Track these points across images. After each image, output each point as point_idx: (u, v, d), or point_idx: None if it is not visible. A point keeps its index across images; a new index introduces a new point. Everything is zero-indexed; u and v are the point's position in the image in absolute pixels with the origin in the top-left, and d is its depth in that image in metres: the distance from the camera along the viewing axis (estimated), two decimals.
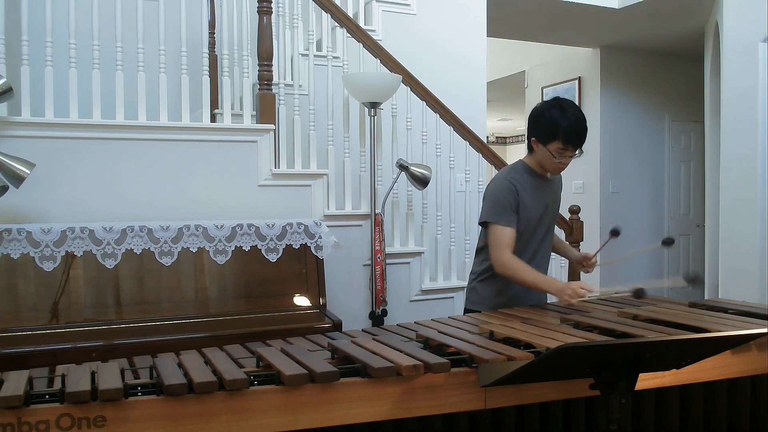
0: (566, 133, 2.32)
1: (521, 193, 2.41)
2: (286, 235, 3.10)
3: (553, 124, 2.34)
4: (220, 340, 2.34)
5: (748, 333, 1.56)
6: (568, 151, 2.36)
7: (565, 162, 2.40)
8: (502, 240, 2.37)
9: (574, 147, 2.36)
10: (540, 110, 2.41)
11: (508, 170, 2.53)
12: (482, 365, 1.62)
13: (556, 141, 2.34)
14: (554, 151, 2.35)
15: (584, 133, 2.37)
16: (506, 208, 2.38)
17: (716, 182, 5.05)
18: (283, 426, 1.49)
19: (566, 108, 2.36)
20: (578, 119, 2.34)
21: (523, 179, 2.45)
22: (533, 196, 2.45)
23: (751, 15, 4.39)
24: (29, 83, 2.97)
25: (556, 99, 2.42)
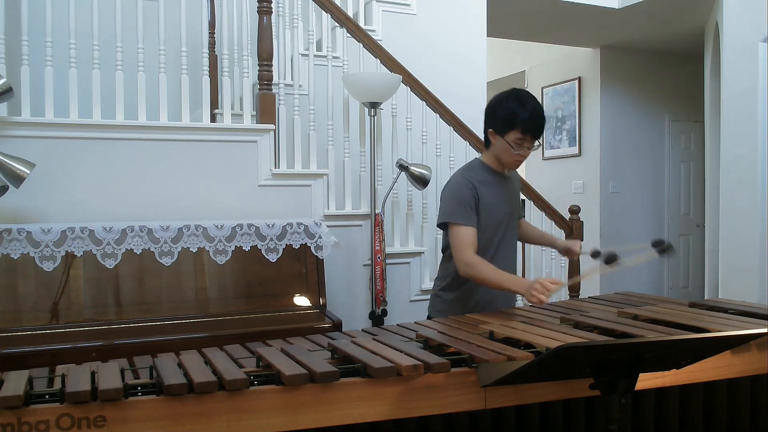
0: (525, 122, 2.27)
1: (480, 190, 2.35)
2: (286, 235, 3.10)
3: (511, 113, 2.29)
4: (220, 340, 2.34)
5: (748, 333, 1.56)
6: (526, 142, 2.31)
7: (523, 154, 2.34)
8: (465, 240, 2.30)
9: (533, 137, 2.31)
10: (497, 101, 2.37)
11: (464, 169, 2.48)
12: (482, 365, 1.62)
13: (515, 130, 2.28)
14: (512, 141, 2.30)
15: (542, 122, 2.33)
16: (465, 207, 2.32)
17: (716, 182, 5.06)
18: (283, 426, 1.49)
19: (524, 98, 2.32)
20: (536, 109, 2.30)
21: (480, 177, 2.40)
22: (492, 194, 2.39)
23: (751, 15, 4.39)
24: (29, 83, 2.97)
25: (514, 89, 2.37)
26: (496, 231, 2.42)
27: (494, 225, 2.41)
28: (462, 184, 2.37)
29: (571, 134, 6.87)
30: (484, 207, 2.36)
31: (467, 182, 2.36)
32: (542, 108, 2.35)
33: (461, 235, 2.31)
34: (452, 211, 2.34)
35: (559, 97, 7.01)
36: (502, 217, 2.43)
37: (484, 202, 2.36)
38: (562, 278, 4.21)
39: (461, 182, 2.38)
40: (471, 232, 2.30)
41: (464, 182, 2.37)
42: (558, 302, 2.43)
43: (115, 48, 3.10)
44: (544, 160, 7.25)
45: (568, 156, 6.91)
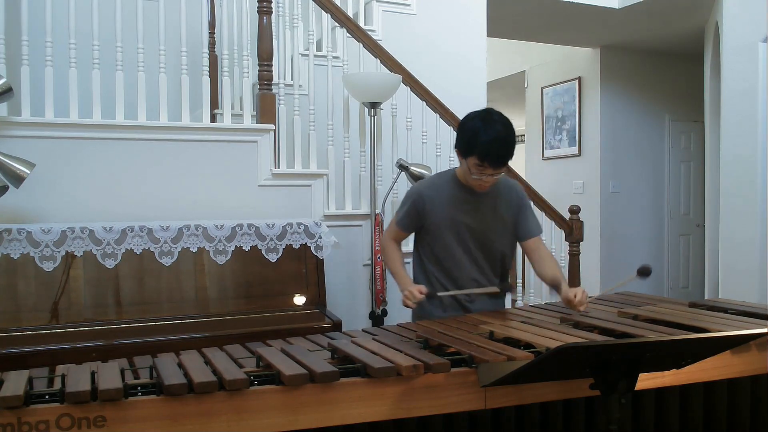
0: (483, 149, 2.14)
1: (430, 206, 2.35)
2: (286, 235, 3.10)
3: (472, 136, 2.17)
4: (220, 340, 2.34)
5: (748, 333, 1.56)
6: (486, 169, 2.18)
7: (485, 180, 2.22)
8: (392, 229, 2.50)
9: (492, 166, 2.17)
10: (465, 119, 2.26)
11: (432, 177, 2.55)
12: (482, 365, 1.62)
13: (473, 156, 2.17)
14: (472, 166, 2.19)
15: (505, 152, 2.16)
16: (406, 214, 2.41)
17: (716, 182, 5.06)
18: (283, 426, 1.49)
19: (491, 121, 2.17)
20: (500, 137, 2.14)
21: (444, 189, 2.36)
22: (450, 210, 2.33)
23: (751, 15, 4.39)
24: (29, 83, 2.97)
25: (486, 110, 2.24)
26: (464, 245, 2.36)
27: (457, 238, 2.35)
28: (416, 195, 2.40)
29: (571, 134, 6.87)
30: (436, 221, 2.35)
31: (421, 195, 2.38)
32: (510, 137, 2.18)
33: (393, 227, 2.50)
34: (399, 210, 2.48)
35: (559, 97, 7.01)
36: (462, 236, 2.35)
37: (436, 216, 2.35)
38: None
39: (417, 193, 2.41)
40: (399, 231, 2.48)
41: (419, 194, 2.39)
42: (558, 302, 2.43)
43: (115, 48, 3.10)
44: (544, 160, 7.25)
45: (568, 156, 6.91)
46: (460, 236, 2.36)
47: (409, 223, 2.43)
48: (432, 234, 2.39)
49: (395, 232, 2.50)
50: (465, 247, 2.37)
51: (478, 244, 2.38)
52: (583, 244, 4.28)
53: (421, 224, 2.40)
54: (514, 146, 2.21)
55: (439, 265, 2.40)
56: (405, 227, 2.46)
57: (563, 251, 4.21)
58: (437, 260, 2.40)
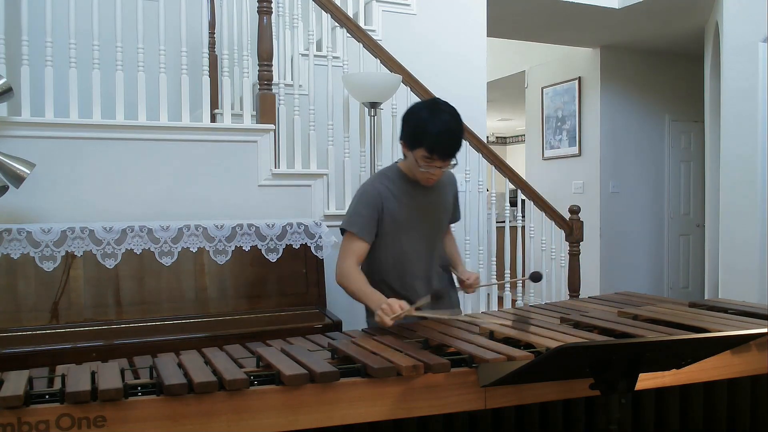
0: (432, 140, 2.07)
1: (388, 202, 2.22)
2: (286, 235, 3.10)
3: (419, 127, 2.10)
4: (220, 340, 2.34)
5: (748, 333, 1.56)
6: (434, 162, 2.11)
7: (433, 173, 2.15)
8: (350, 249, 2.21)
9: (441, 158, 2.10)
10: (410, 110, 2.18)
11: (379, 176, 2.35)
12: (482, 365, 1.62)
13: (421, 148, 2.10)
14: (419, 158, 2.12)
15: (454, 143, 2.10)
16: (364, 217, 2.21)
17: (716, 182, 5.06)
18: (283, 426, 1.49)
19: (438, 112, 2.10)
20: (449, 128, 2.08)
21: (393, 186, 2.25)
22: (405, 206, 2.25)
23: (751, 15, 4.39)
24: (29, 83, 2.97)
25: (433, 100, 2.19)
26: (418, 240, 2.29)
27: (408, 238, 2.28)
28: (369, 193, 2.24)
29: (571, 134, 6.87)
30: (391, 220, 2.24)
31: (376, 193, 2.23)
32: (458, 127, 2.11)
33: (348, 244, 2.22)
34: (350, 219, 2.25)
35: (559, 97, 7.01)
36: (419, 231, 2.29)
37: (393, 213, 2.23)
38: (562, 277, 4.21)
39: (369, 192, 2.25)
40: (360, 244, 2.21)
41: (373, 193, 2.24)
42: (558, 302, 2.43)
43: (115, 48, 3.10)
44: (544, 160, 7.25)
45: (568, 156, 6.91)
46: (412, 228, 2.27)
47: (370, 228, 2.22)
48: (387, 235, 2.25)
49: (356, 249, 2.21)
50: (419, 243, 2.29)
51: (429, 237, 2.32)
52: (583, 244, 4.28)
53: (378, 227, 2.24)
54: (462, 137, 2.15)
55: (393, 265, 2.28)
56: (368, 236, 2.22)
57: (563, 251, 4.21)
58: (391, 258, 2.28)
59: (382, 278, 2.30)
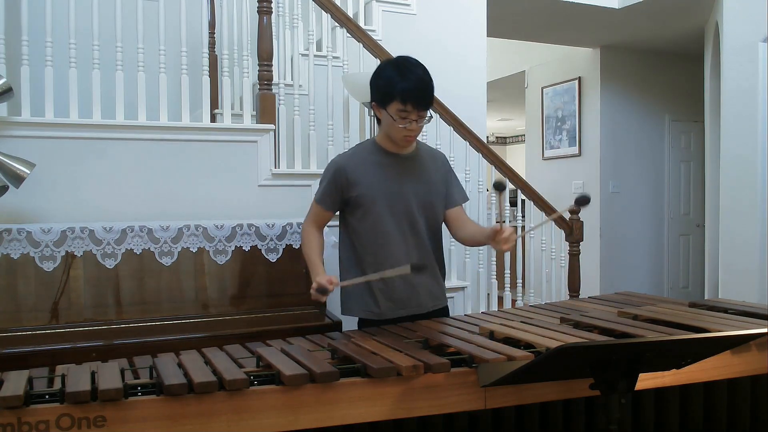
0: (404, 91, 2.08)
1: (355, 175, 2.22)
2: (286, 235, 3.10)
3: (389, 82, 2.11)
4: (220, 340, 2.34)
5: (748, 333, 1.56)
6: (410, 114, 2.11)
7: (411, 129, 2.14)
8: (311, 212, 2.37)
9: (416, 107, 2.10)
10: (378, 70, 2.20)
11: (352, 149, 2.40)
12: (482, 365, 1.62)
13: (395, 101, 2.10)
14: (394, 113, 2.11)
15: (426, 90, 2.12)
16: (326, 189, 2.28)
17: (716, 182, 5.06)
18: (283, 426, 1.49)
19: (405, 65, 2.13)
20: (419, 77, 2.11)
21: (366, 158, 2.25)
22: (379, 176, 2.23)
23: (751, 15, 4.39)
24: (29, 83, 2.97)
25: (399, 57, 2.21)
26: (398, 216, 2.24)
27: (390, 209, 2.24)
28: (335, 169, 2.27)
29: (571, 134, 6.87)
30: (365, 191, 2.22)
31: (340, 167, 2.26)
32: (427, 75, 2.14)
33: (312, 208, 2.37)
34: (318, 190, 2.35)
35: (559, 97, 7.01)
36: (400, 201, 2.24)
37: (362, 184, 2.22)
38: (562, 277, 4.21)
39: (335, 167, 2.28)
40: (320, 210, 2.33)
41: (337, 167, 2.27)
42: (558, 302, 2.43)
43: (115, 48, 3.10)
44: (544, 160, 7.25)
45: (568, 156, 6.91)
46: (390, 205, 2.24)
47: (331, 201, 2.28)
48: (359, 208, 2.25)
49: (315, 214, 2.34)
50: (397, 218, 2.25)
51: (408, 211, 2.26)
52: (583, 244, 4.28)
53: (345, 199, 2.26)
54: (433, 88, 2.16)
55: (369, 244, 2.26)
56: (327, 205, 2.30)
57: (563, 251, 4.21)
58: (367, 237, 2.27)
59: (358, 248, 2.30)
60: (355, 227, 2.30)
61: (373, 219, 2.25)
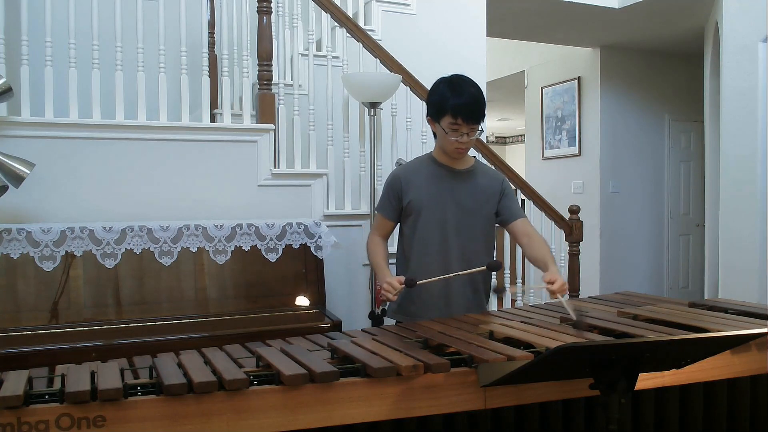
0: (455, 106, 2.19)
1: (409, 184, 2.35)
2: (285, 235, 3.10)
3: (442, 97, 2.23)
4: (220, 340, 2.34)
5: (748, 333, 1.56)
6: (461, 127, 2.22)
7: (462, 141, 2.24)
8: (377, 224, 2.48)
9: (466, 121, 2.21)
10: (433, 87, 2.32)
11: (410, 161, 2.55)
12: (482, 365, 1.62)
13: (447, 115, 2.21)
14: (446, 127, 2.23)
15: (477, 106, 2.22)
16: (386, 199, 2.41)
17: (716, 182, 5.05)
18: (283, 426, 1.49)
19: (457, 83, 2.24)
20: (470, 93, 2.22)
21: (421, 169, 2.38)
22: (428, 186, 2.34)
23: (751, 15, 4.39)
24: (29, 83, 2.97)
25: (452, 75, 2.30)
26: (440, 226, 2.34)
27: (435, 219, 2.33)
28: (392, 177, 2.43)
29: (571, 134, 6.87)
30: (415, 198, 2.34)
31: (397, 176, 2.41)
32: (478, 91, 2.24)
33: (377, 221, 2.49)
34: (380, 200, 2.48)
35: (559, 97, 7.01)
36: (441, 213, 2.33)
37: (414, 194, 2.34)
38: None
39: (393, 175, 2.44)
40: (384, 221, 2.44)
41: (395, 175, 2.42)
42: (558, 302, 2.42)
43: (115, 48, 3.10)
44: (544, 160, 7.25)
45: (568, 156, 6.91)
46: (434, 215, 2.33)
47: (390, 208, 2.40)
48: (410, 215, 2.36)
49: (378, 222, 2.47)
50: (440, 229, 2.34)
51: (461, 222, 2.35)
52: (583, 244, 4.28)
53: (401, 207, 2.38)
54: (485, 104, 2.28)
55: (413, 251, 2.36)
56: (386, 213, 2.42)
57: (563, 251, 4.21)
58: (412, 244, 2.37)
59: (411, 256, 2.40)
60: (405, 233, 2.43)
61: (419, 227, 2.36)
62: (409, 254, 2.39)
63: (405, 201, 2.36)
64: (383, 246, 2.44)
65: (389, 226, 2.45)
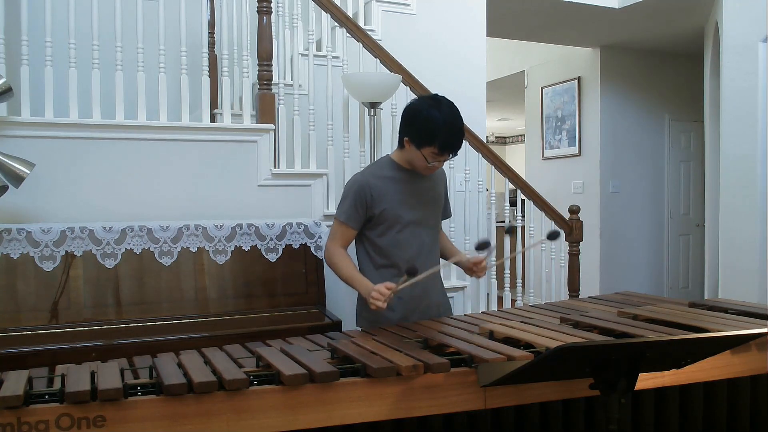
0: (443, 141, 2.19)
1: (377, 191, 2.31)
2: (285, 235, 3.10)
3: (429, 129, 2.19)
4: (220, 340, 2.34)
5: (748, 333, 1.56)
6: (443, 157, 2.25)
7: (437, 165, 2.29)
8: (337, 232, 2.37)
9: (453, 155, 2.27)
10: (417, 109, 2.26)
11: (370, 166, 2.50)
12: (482, 365, 1.62)
13: (432, 146, 2.20)
14: (428, 155, 2.23)
15: (461, 139, 2.24)
16: (352, 207, 2.32)
17: (716, 182, 5.06)
18: (282, 426, 1.49)
19: (444, 111, 2.21)
20: (456, 126, 2.21)
21: (383, 174, 2.35)
22: (397, 192, 2.33)
23: (751, 15, 4.39)
24: (29, 83, 2.97)
25: (434, 98, 2.27)
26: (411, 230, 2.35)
27: (404, 223, 2.34)
28: (358, 183, 2.35)
29: (571, 134, 6.87)
30: (385, 205, 2.31)
31: (363, 185, 2.33)
32: (461, 122, 2.24)
33: (336, 229, 2.38)
34: (340, 207, 2.38)
35: (559, 97, 7.01)
36: (413, 216, 2.35)
37: (384, 200, 2.31)
38: (561, 277, 4.21)
39: (358, 181, 2.36)
40: (346, 230, 2.35)
41: (360, 184, 2.34)
42: (558, 302, 2.43)
43: (115, 48, 3.10)
44: (544, 160, 7.25)
45: (568, 156, 6.91)
46: (410, 219, 2.34)
47: (356, 217, 2.33)
48: (381, 224, 2.33)
49: (342, 233, 2.36)
50: (416, 232, 2.36)
51: (426, 225, 2.40)
52: (583, 244, 4.28)
53: (368, 216, 2.33)
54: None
55: (391, 256, 2.34)
56: (352, 223, 2.33)
57: (563, 251, 4.21)
58: (389, 250, 2.34)
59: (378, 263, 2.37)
60: (375, 241, 2.37)
61: (396, 233, 2.34)
62: (385, 261, 2.35)
63: (376, 210, 2.31)
64: (348, 257, 2.36)
65: (352, 234, 2.38)
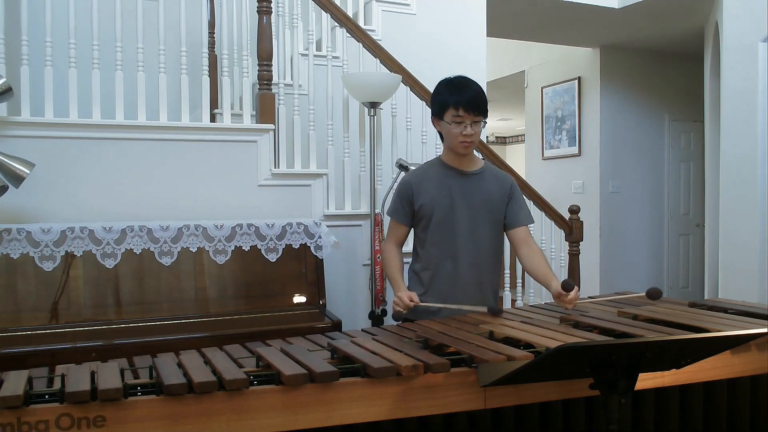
0: (456, 97, 2.26)
1: (419, 188, 2.38)
2: (285, 235, 3.10)
3: (440, 91, 2.33)
4: (220, 340, 2.34)
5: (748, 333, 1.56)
6: (464, 118, 2.26)
7: (467, 133, 2.27)
8: (391, 231, 2.50)
9: (468, 112, 2.25)
10: (434, 89, 2.38)
11: (419, 167, 2.56)
12: (482, 365, 1.62)
13: (449, 109, 2.27)
14: (450, 121, 2.28)
15: (478, 98, 2.28)
16: (398, 204, 2.44)
17: (716, 182, 5.05)
18: (282, 426, 1.49)
19: (458, 79, 2.33)
20: (469, 85, 2.29)
21: (429, 172, 2.42)
22: (439, 189, 2.37)
23: (751, 15, 4.39)
24: (29, 83, 2.97)
25: (453, 76, 2.37)
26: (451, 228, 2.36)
27: (445, 221, 2.36)
28: (403, 182, 2.46)
29: (571, 134, 6.87)
30: (425, 202, 2.37)
31: (407, 181, 2.43)
32: (478, 86, 2.32)
33: (391, 227, 2.51)
34: (391, 206, 2.50)
35: (559, 97, 7.01)
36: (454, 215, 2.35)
37: (422, 196, 2.38)
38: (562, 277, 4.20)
39: (403, 181, 2.47)
40: (395, 225, 2.47)
41: (405, 181, 2.45)
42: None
43: (114, 48, 3.10)
44: (544, 160, 7.25)
45: (568, 156, 6.91)
46: (452, 214, 2.36)
47: (403, 213, 2.43)
48: (422, 219, 2.40)
49: (391, 229, 2.49)
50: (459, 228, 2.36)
51: (470, 224, 2.37)
52: (583, 244, 4.28)
53: (413, 211, 2.41)
54: (486, 99, 2.33)
55: (427, 254, 2.41)
56: (399, 218, 2.44)
57: (563, 251, 4.21)
58: (427, 247, 2.41)
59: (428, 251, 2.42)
60: (419, 236, 2.45)
61: (431, 229, 2.39)
62: (424, 258, 2.44)
63: (416, 205, 2.39)
64: (398, 257, 2.46)
65: (403, 230, 2.48)
